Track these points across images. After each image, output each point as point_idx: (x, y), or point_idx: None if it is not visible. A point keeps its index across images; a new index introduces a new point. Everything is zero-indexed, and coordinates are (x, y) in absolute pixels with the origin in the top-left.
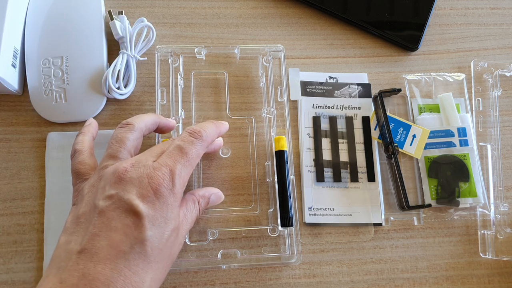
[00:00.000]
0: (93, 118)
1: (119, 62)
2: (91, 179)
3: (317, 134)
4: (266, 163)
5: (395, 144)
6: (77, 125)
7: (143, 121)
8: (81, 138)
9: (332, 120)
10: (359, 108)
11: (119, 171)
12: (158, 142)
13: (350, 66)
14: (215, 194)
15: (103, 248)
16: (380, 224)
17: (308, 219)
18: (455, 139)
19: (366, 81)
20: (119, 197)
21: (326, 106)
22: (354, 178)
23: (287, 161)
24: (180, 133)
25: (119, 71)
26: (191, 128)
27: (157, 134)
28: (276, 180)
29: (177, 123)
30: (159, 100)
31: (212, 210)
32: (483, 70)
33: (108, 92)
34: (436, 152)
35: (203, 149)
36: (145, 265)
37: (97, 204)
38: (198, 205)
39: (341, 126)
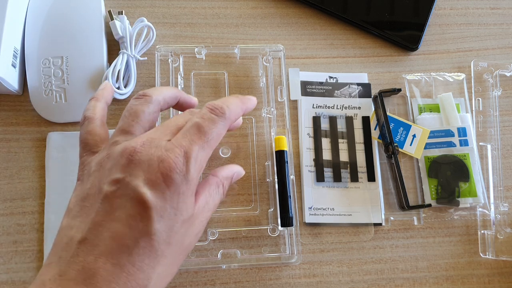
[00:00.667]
0: None
1: (119, 62)
2: (100, 155)
3: (317, 134)
4: (266, 163)
5: (395, 144)
6: (77, 125)
7: (162, 94)
8: (93, 104)
9: (332, 120)
10: (359, 108)
11: (128, 151)
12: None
13: (350, 66)
14: (237, 172)
15: (105, 240)
16: (380, 224)
17: (308, 219)
18: (455, 139)
19: (366, 81)
20: (125, 182)
21: (326, 106)
22: (354, 178)
23: (287, 161)
24: None
25: (119, 71)
26: (212, 104)
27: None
28: (276, 180)
29: (197, 103)
30: None
31: None
32: (483, 70)
33: None
34: (436, 152)
35: (225, 128)
36: (151, 260)
37: (102, 188)
38: (223, 188)
39: (341, 126)
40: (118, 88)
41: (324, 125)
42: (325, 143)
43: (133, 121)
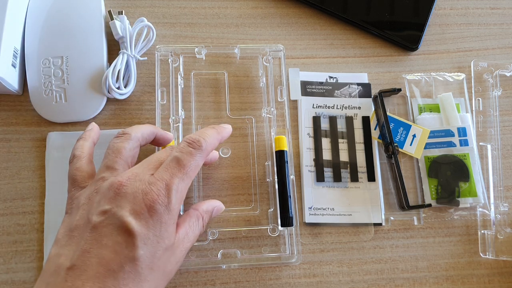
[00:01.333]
0: (93, 118)
1: (119, 62)
2: (87, 190)
3: (317, 134)
4: (266, 163)
5: (395, 144)
6: (77, 125)
7: (140, 131)
8: (81, 144)
9: (332, 120)
10: (359, 108)
11: (115, 185)
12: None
13: (350, 66)
14: (217, 207)
15: (92, 266)
16: (380, 224)
17: (308, 219)
18: (455, 139)
19: (366, 81)
20: (112, 213)
21: (326, 106)
22: (354, 178)
23: (287, 161)
24: (181, 132)
25: (119, 71)
26: (190, 137)
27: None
28: (276, 180)
29: (173, 138)
30: (159, 100)
31: None
32: (483, 70)
33: (108, 92)
34: (436, 152)
35: (202, 159)
36: (135, 284)
37: (91, 219)
38: (202, 221)
39: (341, 126)
40: (118, 88)
41: (324, 125)
42: (325, 143)
43: (116, 157)
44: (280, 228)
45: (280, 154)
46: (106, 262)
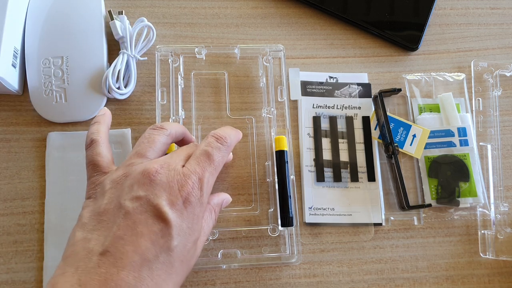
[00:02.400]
0: (93, 118)
1: (119, 62)
2: (114, 174)
3: (317, 134)
4: (266, 163)
5: (395, 144)
6: (77, 125)
7: (175, 129)
8: (97, 128)
9: (332, 120)
10: (359, 108)
11: (150, 171)
12: None
13: (350, 66)
14: (226, 199)
15: (128, 254)
16: (380, 224)
17: (308, 219)
18: (455, 139)
19: (366, 81)
20: (148, 200)
21: (326, 106)
22: (354, 178)
23: (287, 161)
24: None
25: (119, 71)
26: (216, 133)
27: None
28: (276, 180)
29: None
30: (159, 100)
31: None
32: (483, 70)
33: (108, 92)
34: (436, 152)
35: (227, 156)
36: (166, 276)
37: (123, 204)
38: (214, 214)
39: (341, 126)
40: (118, 88)
41: (324, 125)
42: (325, 143)
43: (150, 147)
44: (280, 228)
45: (280, 154)
46: (142, 251)
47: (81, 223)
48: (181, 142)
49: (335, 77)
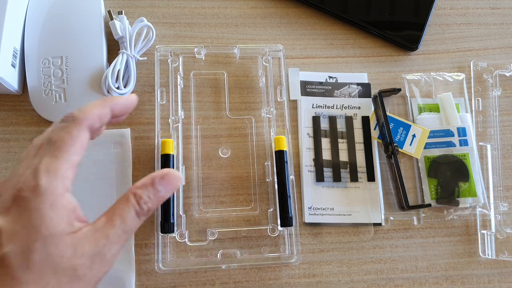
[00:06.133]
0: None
1: (119, 62)
2: None
3: (317, 134)
4: (266, 163)
5: (395, 144)
6: None
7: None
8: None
9: (332, 120)
10: (359, 108)
11: None
12: (157, 143)
13: (350, 66)
14: (170, 175)
15: None
16: (380, 224)
17: (308, 219)
18: (455, 139)
19: (366, 81)
20: None
21: (325, 106)
22: (354, 178)
23: (286, 161)
24: (180, 132)
25: (118, 71)
26: (64, 114)
27: (156, 135)
28: (275, 180)
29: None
30: (158, 100)
31: (212, 210)
32: (483, 70)
33: (108, 92)
34: (436, 152)
35: (80, 130)
36: (12, 285)
37: None
38: (134, 200)
39: (340, 126)
40: (118, 88)
41: (324, 125)
42: (325, 143)
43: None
44: (279, 228)
45: (280, 154)
46: None
47: None
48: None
49: (334, 77)
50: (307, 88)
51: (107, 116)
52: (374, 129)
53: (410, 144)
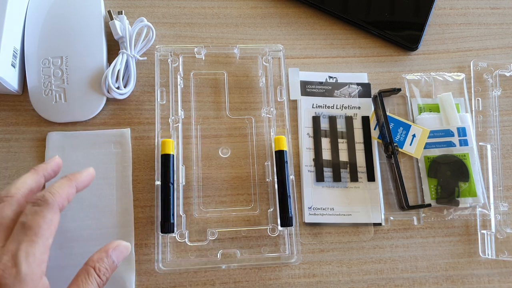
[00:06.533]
0: (93, 118)
1: (119, 61)
2: None
3: (317, 134)
4: (266, 163)
5: (394, 144)
6: (77, 125)
7: (24, 188)
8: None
9: (332, 119)
10: (359, 108)
11: None
12: (157, 143)
13: (350, 66)
14: (120, 246)
15: None
16: (380, 224)
17: (308, 219)
18: (455, 139)
19: (366, 81)
20: None
21: (325, 106)
22: (354, 178)
23: (286, 161)
24: (180, 132)
25: (118, 70)
26: (34, 197)
27: (156, 135)
28: (275, 180)
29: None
30: (158, 100)
31: (212, 210)
32: (483, 70)
33: (108, 91)
34: (436, 152)
35: (53, 213)
36: None
37: None
38: (95, 272)
39: (340, 126)
40: (118, 88)
41: (324, 125)
42: (325, 143)
43: None
44: (279, 228)
45: (280, 154)
46: None
47: None
48: (49, 178)
49: (334, 77)
50: (307, 88)
51: (74, 195)
52: (374, 129)
53: (410, 144)
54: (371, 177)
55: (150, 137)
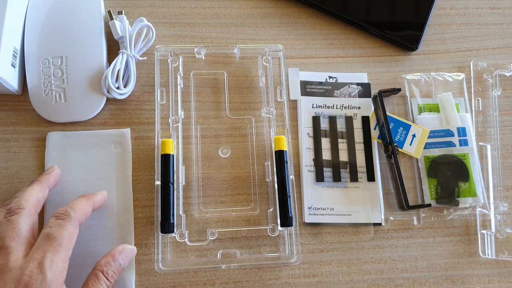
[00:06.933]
0: (93, 118)
1: (119, 61)
2: None
3: (317, 134)
4: (265, 163)
5: (394, 144)
6: (77, 125)
7: (33, 200)
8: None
9: (332, 119)
10: (359, 107)
11: None
12: (157, 143)
13: (350, 66)
14: (126, 249)
15: None
16: (379, 224)
17: (308, 219)
18: (455, 139)
19: (366, 81)
20: None
21: (325, 106)
22: (354, 178)
23: (286, 161)
24: (180, 132)
25: (118, 70)
26: (57, 211)
27: (156, 135)
28: (275, 180)
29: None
30: (158, 100)
31: (212, 210)
32: (482, 70)
33: (108, 91)
34: (436, 152)
35: (74, 227)
36: None
37: None
38: (103, 276)
39: (340, 125)
40: (118, 88)
41: (324, 125)
42: (325, 143)
43: (12, 235)
44: (279, 228)
45: (280, 154)
46: None
47: None
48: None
49: (334, 77)
50: (307, 88)
51: (90, 213)
52: (374, 129)
53: (410, 144)
54: (371, 177)
55: (150, 137)
